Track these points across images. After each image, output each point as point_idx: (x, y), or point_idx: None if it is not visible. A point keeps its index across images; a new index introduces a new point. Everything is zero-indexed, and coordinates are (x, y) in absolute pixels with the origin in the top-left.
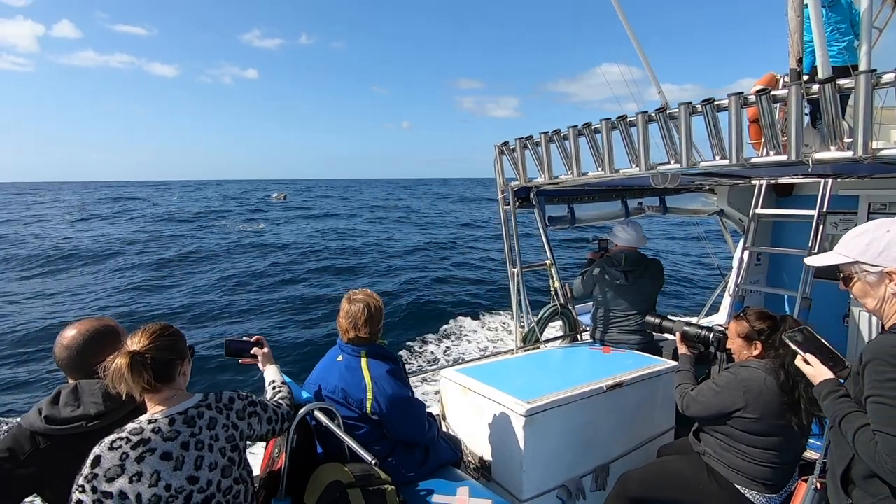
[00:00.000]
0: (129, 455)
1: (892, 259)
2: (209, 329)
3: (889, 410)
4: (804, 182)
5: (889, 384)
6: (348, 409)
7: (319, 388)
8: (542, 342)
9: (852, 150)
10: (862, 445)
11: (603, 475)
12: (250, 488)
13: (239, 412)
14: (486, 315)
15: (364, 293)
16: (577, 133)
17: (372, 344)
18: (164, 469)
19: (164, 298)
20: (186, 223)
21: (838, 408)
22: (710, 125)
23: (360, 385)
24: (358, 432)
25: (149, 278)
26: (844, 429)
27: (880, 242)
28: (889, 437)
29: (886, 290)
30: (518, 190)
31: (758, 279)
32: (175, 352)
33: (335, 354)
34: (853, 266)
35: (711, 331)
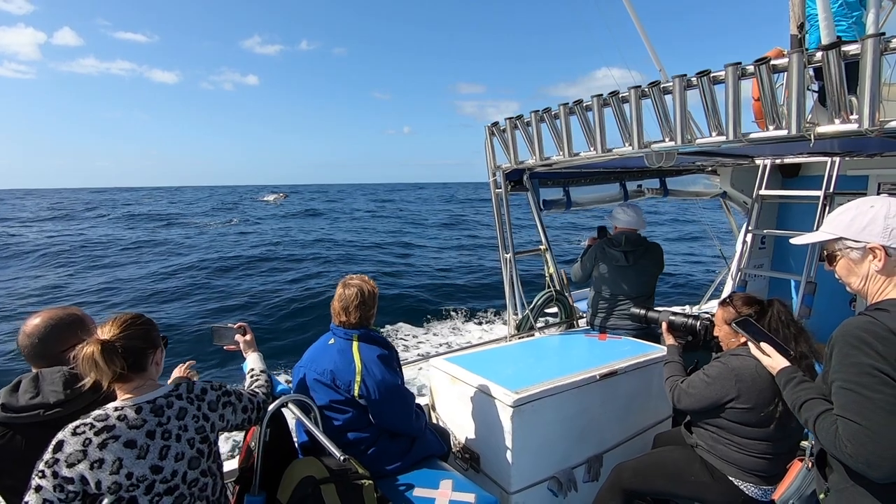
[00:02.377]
0: (91, 441)
1: (875, 234)
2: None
3: (850, 395)
4: (811, 162)
5: (851, 368)
6: (336, 391)
7: (304, 375)
8: (536, 329)
9: (858, 123)
10: (822, 432)
11: (596, 466)
12: (219, 482)
13: (212, 403)
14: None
15: (360, 278)
16: (567, 111)
17: (364, 328)
18: (126, 457)
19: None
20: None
21: (797, 395)
22: (707, 99)
23: (349, 367)
24: (344, 416)
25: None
26: (804, 417)
27: (864, 218)
28: (849, 422)
29: (870, 267)
30: (510, 173)
31: (762, 263)
32: (147, 341)
33: (327, 338)
34: (837, 243)
35: (698, 319)
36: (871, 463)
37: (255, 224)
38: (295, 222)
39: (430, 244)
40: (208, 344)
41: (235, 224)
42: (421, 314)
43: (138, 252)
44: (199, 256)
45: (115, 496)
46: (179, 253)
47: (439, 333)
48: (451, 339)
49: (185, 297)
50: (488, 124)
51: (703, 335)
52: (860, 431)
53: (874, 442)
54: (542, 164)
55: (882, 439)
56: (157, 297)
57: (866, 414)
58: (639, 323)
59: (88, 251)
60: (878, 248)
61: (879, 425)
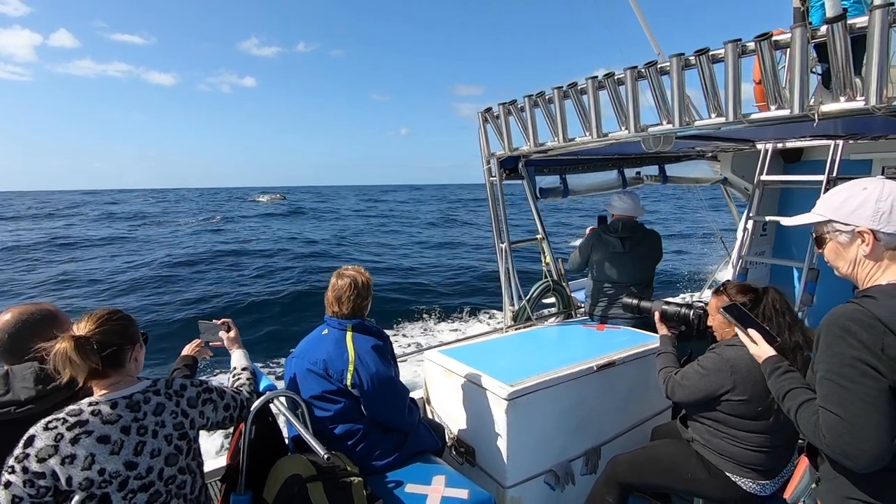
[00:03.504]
0: (63, 436)
1: (865, 218)
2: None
3: (831, 386)
4: (813, 146)
5: (834, 358)
6: (328, 381)
7: (297, 366)
8: (534, 320)
9: (864, 100)
10: (803, 422)
11: (594, 458)
12: (199, 480)
13: (191, 400)
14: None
15: (354, 269)
16: (562, 95)
17: (359, 319)
18: (99, 452)
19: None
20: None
21: (781, 384)
22: (706, 79)
23: (342, 357)
24: (336, 406)
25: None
26: (786, 406)
27: (855, 200)
28: (829, 413)
29: (858, 251)
30: (505, 160)
31: (763, 250)
32: (124, 336)
33: (321, 329)
34: (826, 226)
35: (691, 308)
36: (848, 454)
37: (235, 222)
38: (276, 221)
39: (409, 242)
40: (167, 340)
41: (216, 222)
42: (391, 315)
43: (105, 248)
44: (166, 252)
45: (86, 493)
46: (148, 249)
47: (409, 335)
48: (420, 339)
49: (138, 290)
50: (481, 110)
51: (697, 325)
52: (838, 423)
53: (851, 433)
54: (537, 151)
55: (860, 431)
56: (110, 291)
57: (845, 405)
58: (631, 312)
59: (50, 247)
60: (867, 233)
61: (857, 417)
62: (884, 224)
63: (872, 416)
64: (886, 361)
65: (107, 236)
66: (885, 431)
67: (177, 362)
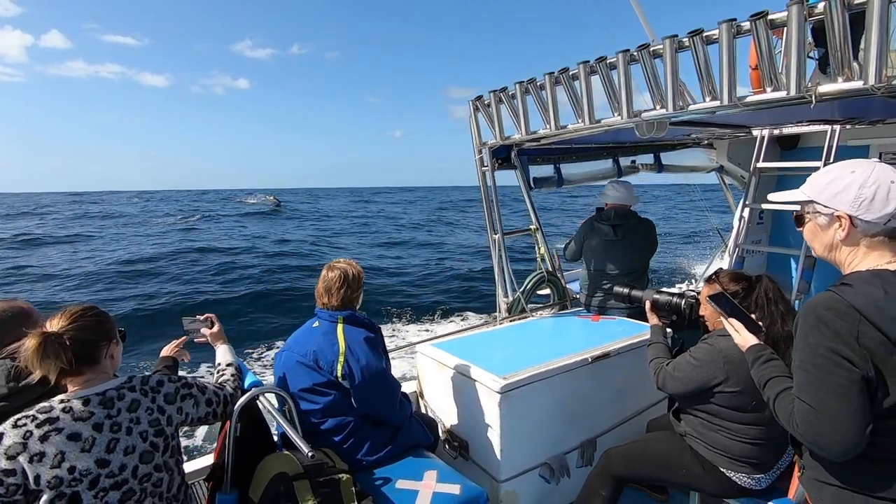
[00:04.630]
0: (33, 433)
1: (845, 203)
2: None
3: (804, 376)
4: (810, 132)
5: (807, 349)
6: (319, 373)
7: (286, 359)
8: (528, 312)
9: (863, 80)
10: (780, 410)
11: (590, 451)
12: (177, 478)
13: (168, 396)
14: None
15: (345, 261)
16: (553, 81)
17: (350, 311)
18: (69, 450)
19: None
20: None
21: (762, 373)
22: (700, 62)
23: (333, 348)
24: (326, 399)
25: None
26: (766, 395)
27: (840, 183)
28: (802, 403)
29: (835, 235)
30: (497, 149)
31: (760, 239)
32: (99, 333)
33: (311, 322)
34: (809, 205)
35: (683, 297)
36: (820, 444)
37: (214, 221)
38: (255, 221)
39: (388, 243)
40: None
41: (194, 220)
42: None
43: (69, 245)
44: (128, 250)
45: (55, 491)
46: (111, 248)
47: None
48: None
49: (91, 286)
50: (472, 98)
51: (689, 314)
52: (810, 413)
53: (822, 423)
54: (530, 139)
55: (831, 421)
56: (62, 286)
57: (818, 396)
58: (622, 302)
59: (11, 243)
60: (844, 217)
61: (829, 407)
62: (863, 211)
63: (844, 407)
64: (860, 351)
65: (75, 234)
66: (857, 422)
67: (157, 364)
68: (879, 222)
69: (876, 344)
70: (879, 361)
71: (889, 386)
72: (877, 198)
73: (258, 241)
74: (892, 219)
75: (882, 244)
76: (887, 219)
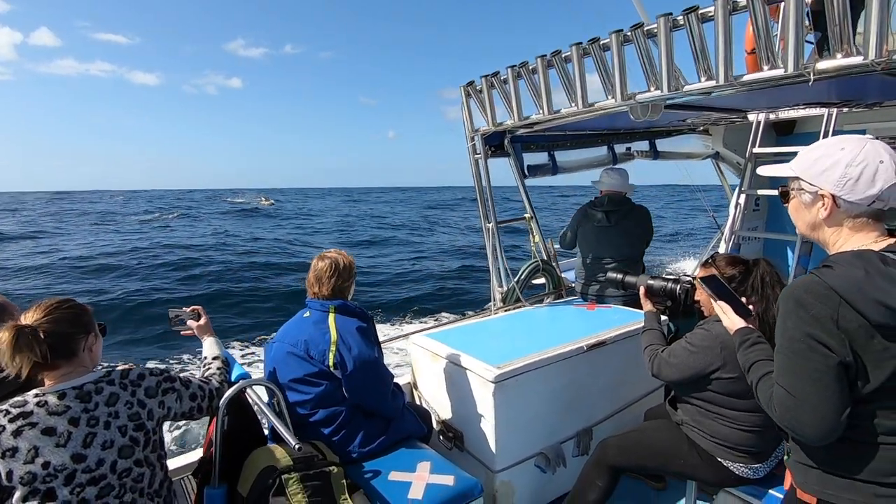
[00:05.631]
0: (5, 428)
1: (830, 182)
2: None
3: (782, 360)
4: (806, 118)
5: (786, 333)
6: (310, 362)
7: (276, 350)
8: (523, 301)
9: (862, 55)
10: (761, 394)
11: (586, 440)
12: (159, 473)
13: (150, 389)
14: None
15: (336, 251)
16: (546, 64)
17: (341, 301)
18: (44, 445)
19: None
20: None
21: (747, 356)
22: (695, 41)
23: (324, 337)
24: (317, 389)
25: None
26: (750, 378)
27: (827, 161)
28: (780, 387)
29: (818, 214)
30: (490, 136)
31: (756, 225)
32: (76, 326)
33: (303, 312)
34: (795, 181)
35: (678, 282)
36: (796, 429)
37: (193, 219)
38: (235, 220)
39: (365, 242)
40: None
41: (172, 218)
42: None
43: (25, 242)
44: (88, 246)
45: (28, 487)
46: (74, 243)
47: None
48: None
49: (38, 279)
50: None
51: (684, 300)
52: (787, 397)
53: (797, 408)
54: (522, 125)
55: (807, 405)
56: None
57: (794, 381)
58: (615, 288)
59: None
60: (828, 197)
61: (805, 392)
62: (847, 191)
63: (820, 392)
64: (838, 335)
65: (40, 230)
66: (833, 408)
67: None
68: (863, 203)
69: (855, 327)
70: (859, 345)
71: (869, 370)
72: (862, 178)
73: (231, 239)
74: (877, 200)
75: (866, 225)
76: (871, 200)
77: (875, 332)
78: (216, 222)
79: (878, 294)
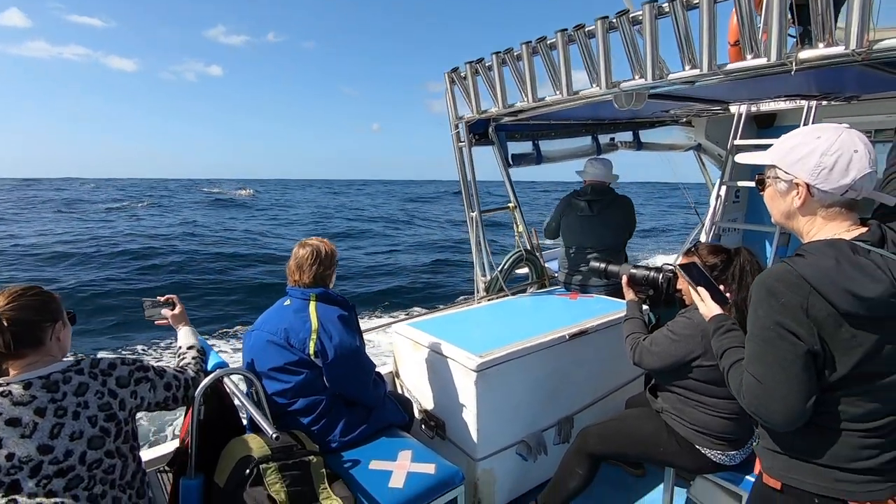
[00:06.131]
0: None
1: (805, 170)
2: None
3: (752, 347)
4: (786, 111)
5: (757, 321)
6: (290, 351)
7: (255, 339)
8: (507, 291)
9: (844, 44)
10: (731, 381)
11: (567, 427)
12: (131, 464)
13: (121, 379)
14: None
15: (317, 239)
16: (531, 51)
17: (322, 289)
18: (8, 436)
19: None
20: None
21: (721, 343)
22: (680, 28)
23: (304, 326)
24: (297, 378)
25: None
26: (722, 365)
27: (803, 149)
28: (749, 375)
29: (792, 203)
30: (474, 124)
31: (736, 217)
32: (42, 313)
33: (283, 300)
34: (771, 169)
35: (661, 271)
36: (763, 416)
37: (159, 209)
38: (204, 210)
39: (333, 234)
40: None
41: (141, 207)
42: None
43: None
44: (53, 235)
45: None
46: (30, 230)
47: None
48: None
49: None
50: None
51: (666, 288)
52: (755, 384)
53: (765, 395)
54: (507, 113)
55: (774, 393)
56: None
57: (762, 369)
58: (598, 277)
59: None
60: (802, 185)
61: (772, 380)
62: (821, 181)
63: (787, 381)
64: (807, 324)
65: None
66: (798, 397)
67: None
68: (836, 193)
69: (824, 315)
70: (827, 334)
71: (836, 358)
72: (836, 167)
73: (200, 229)
74: (850, 190)
75: (839, 214)
76: (844, 189)
77: (843, 321)
78: (187, 212)
79: (846, 283)
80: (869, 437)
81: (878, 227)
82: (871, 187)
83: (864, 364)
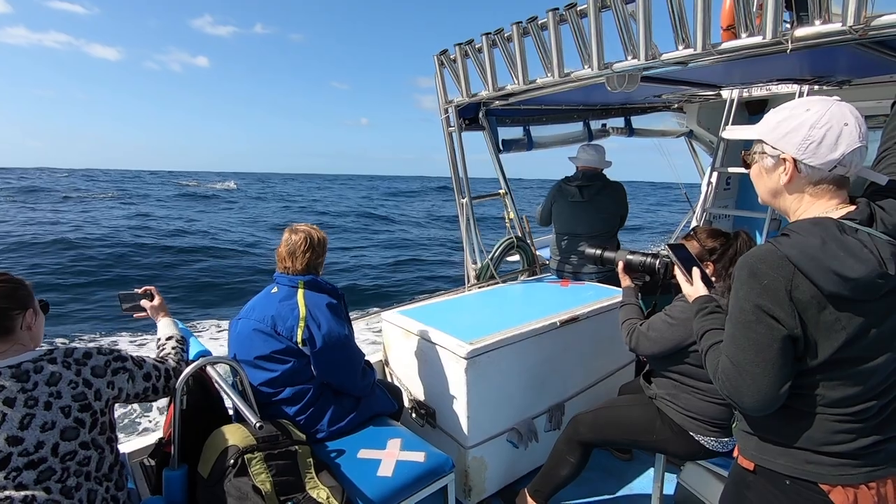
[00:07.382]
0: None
1: (793, 145)
2: None
3: (730, 329)
4: (777, 96)
5: (736, 303)
6: (277, 339)
7: (241, 327)
8: (497, 278)
9: (841, 21)
10: (708, 363)
11: (558, 414)
12: (108, 456)
13: (97, 369)
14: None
15: (307, 225)
16: (521, 32)
17: (311, 276)
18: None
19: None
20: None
21: (702, 325)
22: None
23: (292, 313)
24: (284, 366)
25: None
26: (701, 346)
27: (791, 123)
28: (725, 357)
29: (779, 180)
30: (464, 108)
31: (727, 203)
32: (11, 301)
33: (270, 287)
34: (758, 144)
35: (657, 257)
36: (735, 398)
37: (121, 201)
38: (171, 203)
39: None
40: None
41: (105, 199)
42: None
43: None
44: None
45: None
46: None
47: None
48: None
49: None
50: (437, 53)
51: (663, 274)
52: (729, 366)
53: (739, 378)
54: (497, 96)
55: (747, 376)
56: None
57: (737, 351)
58: (593, 263)
59: None
60: (789, 161)
61: (747, 363)
62: (808, 155)
63: (761, 364)
64: (789, 307)
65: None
66: (772, 381)
67: None
68: (824, 168)
69: (808, 297)
70: (809, 317)
71: (818, 343)
72: (825, 141)
73: (156, 222)
74: (839, 165)
75: (828, 192)
76: (832, 165)
77: (827, 303)
78: (151, 205)
79: (832, 263)
80: (845, 422)
81: (866, 206)
82: (860, 163)
83: (847, 348)
